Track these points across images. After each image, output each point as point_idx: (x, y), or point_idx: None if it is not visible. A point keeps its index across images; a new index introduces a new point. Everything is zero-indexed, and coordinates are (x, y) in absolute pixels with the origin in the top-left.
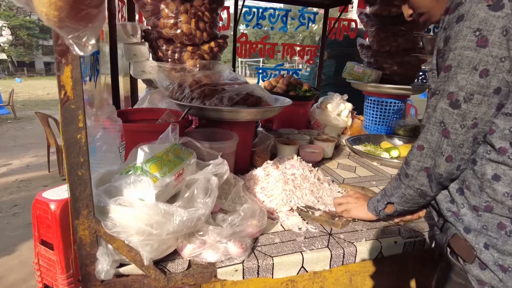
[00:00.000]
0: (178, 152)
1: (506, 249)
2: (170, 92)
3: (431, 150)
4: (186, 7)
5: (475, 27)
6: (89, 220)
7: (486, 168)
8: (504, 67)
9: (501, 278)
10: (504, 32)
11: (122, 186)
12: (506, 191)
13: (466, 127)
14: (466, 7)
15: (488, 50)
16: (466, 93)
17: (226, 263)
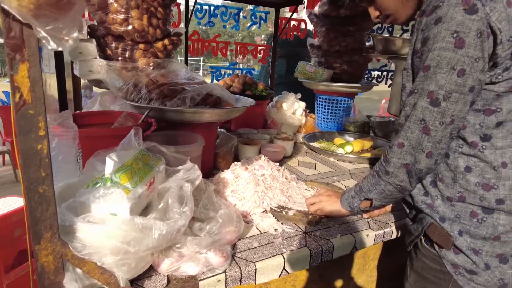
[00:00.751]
0: (146, 159)
1: (478, 234)
2: (124, 93)
3: (411, 147)
4: (137, 2)
5: (452, 29)
6: (53, 243)
7: (459, 161)
8: (478, 67)
9: (474, 261)
10: (478, 34)
11: (89, 200)
12: (477, 181)
13: (445, 124)
14: (444, 10)
15: (465, 51)
16: (445, 91)
17: (208, 274)
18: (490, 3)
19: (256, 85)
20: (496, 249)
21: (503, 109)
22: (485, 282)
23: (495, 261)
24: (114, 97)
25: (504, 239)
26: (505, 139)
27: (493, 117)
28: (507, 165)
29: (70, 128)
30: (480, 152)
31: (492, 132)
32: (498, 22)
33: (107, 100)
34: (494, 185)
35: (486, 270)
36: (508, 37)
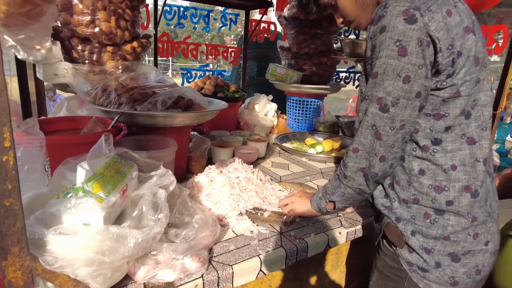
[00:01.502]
0: (118, 166)
1: (429, 234)
2: (92, 98)
3: (365, 152)
4: (104, 3)
5: (395, 38)
6: (21, 258)
7: (413, 164)
8: (422, 73)
9: (425, 259)
10: (419, 43)
11: (60, 211)
12: (430, 183)
13: (396, 128)
14: (387, 20)
15: (408, 58)
16: (393, 97)
17: (185, 280)
18: (429, 14)
19: (228, 87)
20: (447, 248)
21: (450, 114)
22: (436, 279)
23: (447, 260)
24: (82, 101)
25: (453, 239)
26: (454, 143)
27: (441, 122)
28: (457, 168)
29: (36, 135)
30: (431, 156)
31: (442, 136)
32: (437, 31)
33: (74, 105)
34: (445, 187)
35: (437, 268)
36: (447, 45)
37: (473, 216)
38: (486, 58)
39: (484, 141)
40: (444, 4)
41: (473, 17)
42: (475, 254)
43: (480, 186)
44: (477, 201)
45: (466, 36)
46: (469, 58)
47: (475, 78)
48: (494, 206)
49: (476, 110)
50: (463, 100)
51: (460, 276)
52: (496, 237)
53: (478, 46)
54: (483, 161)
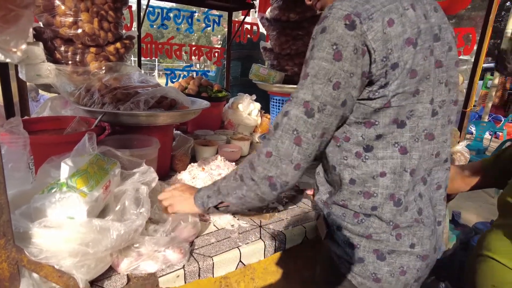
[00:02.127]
0: (101, 163)
1: (355, 231)
2: (76, 98)
3: (278, 158)
4: (86, 5)
5: (333, 41)
6: (7, 250)
7: (344, 173)
8: (352, 82)
9: (348, 253)
10: (355, 50)
11: (45, 206)
12: (359, 190)
13: (317, 136)
14: (329, 21)
15: (342, 64)
16: (320, 103)
17: (167, 270)
18: (368, 22)
19: (212, 86)
20: (372, 245)
21: (380, 122)
22: (359, 272)
23: (372, 256)
24: (65, 101)
25: (375, 238)
26: (386, 150)
27: (372, 130)
28: (386, 175)
29: (20, 134)
30: (363, 162)
31: (373, 144)
32: (373, 41)
33: (58, 105)
34: (373, 193)
35: (360, 263)
36: (381, 57)
37: (395, 223)
38: (431, 71)
39: (414, 152)
40: (388, 12)
41: (423, 25)
42: (401, 255)
43: (404, 195)
44: (400, 209)
45: (406, 48)
46: (404, 70)
47: (411, 90)
48: (428, 213)
49: (412, 121)
50: (393, 110)
51: (383, 274)
52: (427, 242)
53: (417, 58)
54: (410, 172)
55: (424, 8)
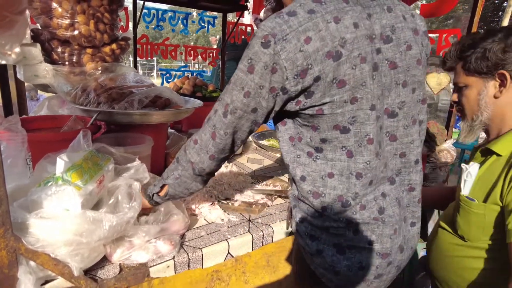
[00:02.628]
0: (95, 159)
1: (315, 224)
2: (72, 98)
3: (200, 147)
4: (83, 7)
5: (250, 55)
6: (6, 239)
7: (296, 171)
8: (261, 93)
9: (308, 244)
10: (265, 67)
11: (41, 198)
12: (309, 189)
13: (228, 134)
14: (253, 39)
15: (253, 77)
16: (234, 107)
17: (157, 261)
18: (282, 43)
19: (207, 86)
20: (331, 238)
21: (321, 127)
22: (320, 263)
23: (331, 250)
24: (62, 101)
25: (333, 231)
26: (334, 153)
27: (317, 133)
28: (334, 176)
29: (18, 132)
30: (313, 161)
31: (321, 146)
32: (285, 60)
33: (55, 104)
34: (322, 193)
35: (318, 255)
36: (293, 74)
37: (347, 220)
38: (367, 77)
39: (359, 156)
40: (305, 31)
41: (350, 35)
42: (360, 251)
43: (353, 198)
44: (349, 209)
45: (326, 61)
46: (327, 81)
47: (343, 99)
48: (393, 212)
49: (355, 127)
50: (329, 118)
51: (341, 267)
52: (387, 241)
53: (342, 69)
54: (356, 175)
55: (358, 16)
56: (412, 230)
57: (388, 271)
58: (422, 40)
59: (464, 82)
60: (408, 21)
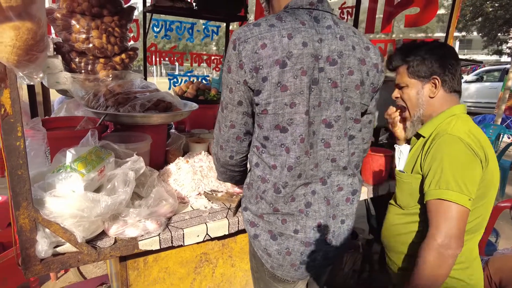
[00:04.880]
0: (98, 153)
1: (255, 211)
2: (86, 101)
3: (215, 141)
4: (97, 23)
5: (227, 58)
6: (28, 210)
7: (253, 158)
8: (239, 87)
9: (249, 230)
10: (237, 65)
11: (55, 182)
12: (259, 174)
13: (228, 127)
14: (229, 44)
15: (231, 75)
16: (225, 102)
17: (145, 236)
18: (243, 44)
19: (209, 90)
20: (266, 225)
21: (264, 126)
22: (257, 246)
23: (266, 235)
24: (78, 104)
25: (266, 219)
26: (275, 149)
27: (261, 131)
28: (277, 168)
29: (39, 131)
30: (261, 154)
31: (265, 143)
32: (244, 57)
33: (72, 107)
34: (267, 180)
35: (256, 239)
36: (249, 68)
37: (275, 207)
38: (305, 88)
39: (292, 152)
40: (262, 38)
41: (296, 51)
42: (288, 238)
43: (283, 186)
44: (280, 197)
45: (274, 67)
46: (273, 83)
47: (285, 101)
48: (318, 208)
49: (292, 127)
50: (272, 118)
51: (272, 251)
52: (310, 231)
53: (286, 76)
54: (288, 168)
55: (310, 37)
56: (342, 227)
57: (313, 259)
58: (368, 70)
59: (406, 82)
60: (356, 51)
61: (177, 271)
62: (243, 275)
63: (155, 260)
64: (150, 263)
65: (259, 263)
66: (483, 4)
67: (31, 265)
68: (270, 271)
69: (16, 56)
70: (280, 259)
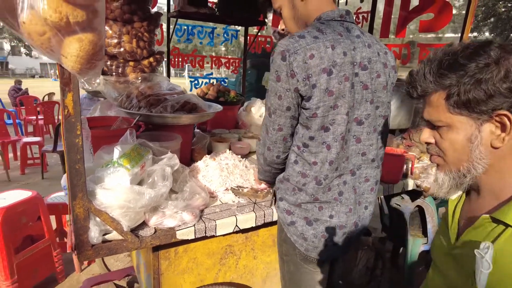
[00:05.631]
0: (139, 150)
1: (291, 201)
2: (119, 102)
3: (262, 142)
4: (127, 29)
5: (275, 68)
6: (83, 200)
7: (291, 156)
8: (289, 95)
9: (285, 217)
10: (287, 74)
11: (104, 175)
12: (299, 170)
13: (275, 130)
14: (274, 56)
15: (281, 84)
16: (273, 108)
17: (182, 227)
18: (293, 55)
19: (229, 92)
20: (302, 213)
21: (312, 128)
22: (293, 232)
23: (302, 222)
24: (110, 105)
25: (304, 207)
26: (317, 148)
27: (307, 132)
28: (317, 164)
29: (85, 129)
30: (302, 153)
31: (308, 142)
32: (296, 68)
33: (104, 107)
34: (307, 175)
35: (291, 225)
36: (302, 78)
37: (316, 197)
38: (347, 91)
39: (333, 149)
40: (310, 49)
41: (340, 58)
42: (323, 223)
43: (324, 179)
44: (321, 188)
45: (321, 75)
46: (321, 90)
47: (330, 104)
48: (349, 196)
49: (333, 127)
50: (320, 119)
51: (309, 235)
52: (343, 216)
53: (333, 82)
54: (329, 162)
55: (347, 47)
56: (366, 212)
57: (343, 240)
58: (389, 72)
59: (447, 121)
60: (381, 57)
61: (204, 262)
62: (264, 267)
63: (185, 251)
64: (180, 254)
65: (291, 248)
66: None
67: (84, 250)
68: (304, 253)
69: (79, 65)
70: (316, 242)
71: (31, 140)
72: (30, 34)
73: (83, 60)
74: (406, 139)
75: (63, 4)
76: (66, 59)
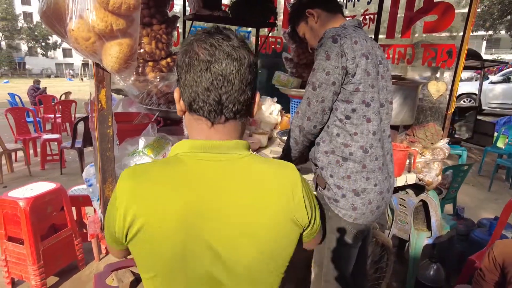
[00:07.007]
0: (161, 142)
1: (339, 175)
2: (140, 99)
3: (302, 114)
4: (147, 31)
5: (325, 49)
6: (112, 184)
7: (333, 129)
8: (336, 71)
9: (335, 192)
10: (337, 54)
11: (130, 163)
12: (341, 141)
13: (319, 101)
14: (324, 40)
15: (330, 62)
16: (319, 82)
17: None
18: (344, 39)
19: None
20: (351, 185)
21: (354, 101)
22: (343, 206)
23: (351, 194)
24: (131, 101)
25: (353, 178)
26: (358, 120)
27: (349, 106)
28: (358, 134)
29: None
30: (344, 125)
31: (350, 114)
32: (346, 49)
33: (126, 104)
34: (350, 145)
35: (343, 198)
36: (351, 57)
37: (363, 164)
38: (377, 76)
39: (375, 121)
40: (354, 37)
41: (371, 50)
42: (369, 192)
43: (370, 147)
44: (367, 156)
45: (362, 58)
46: (362, 70)
47: (369, 83)
48: (387, 166)
49: (373, 103)
50: (361, 94)
51: (358, 204)
52: (383, 183)
53: (369, 65)
54: (373, 133)
55: (372, 43)
56: (390, 181)
57: (382, 204)
58: (388, 67)
59: None
60: (384, 55)
61: None
62: None
63: None
64: None
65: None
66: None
67: None
68: (351, 223)
69: (118, 65)
70: (364, 209)
71: (51, 137)
72: (77, 39)
73: (122, 60)
74: (410, 135)
75: (109, 14)
76: (107, 60)
